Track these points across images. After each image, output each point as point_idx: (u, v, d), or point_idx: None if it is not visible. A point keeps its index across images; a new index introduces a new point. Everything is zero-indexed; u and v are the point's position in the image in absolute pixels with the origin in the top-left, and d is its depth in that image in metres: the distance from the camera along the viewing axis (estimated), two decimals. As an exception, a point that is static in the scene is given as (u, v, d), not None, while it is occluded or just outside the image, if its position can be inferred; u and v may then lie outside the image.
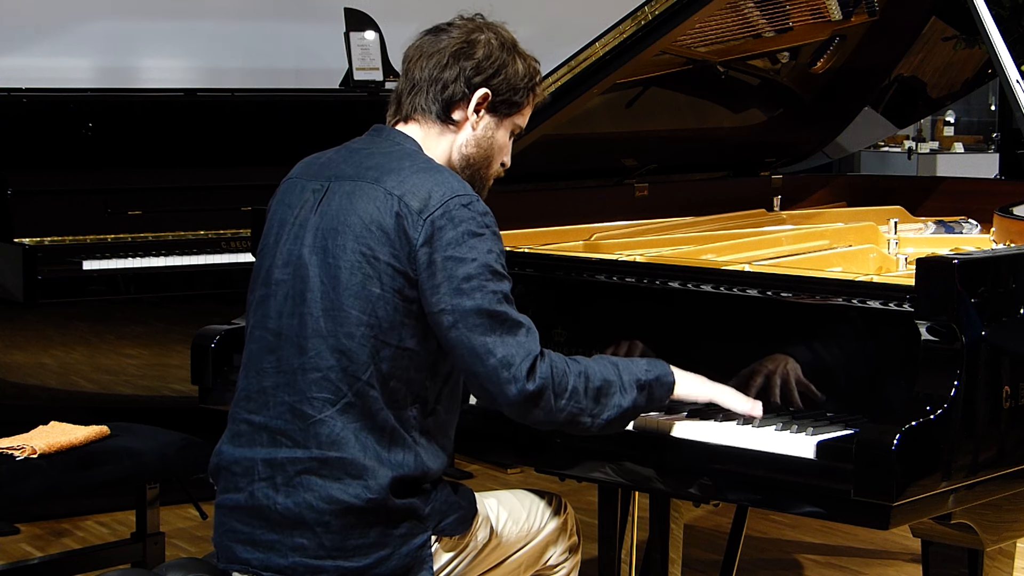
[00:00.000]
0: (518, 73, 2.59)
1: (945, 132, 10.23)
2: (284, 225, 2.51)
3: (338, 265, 2.41)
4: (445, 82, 2.54)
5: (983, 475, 2.36)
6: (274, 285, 2.48)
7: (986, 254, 2.51)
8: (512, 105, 2.60)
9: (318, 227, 2.45)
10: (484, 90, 2.56)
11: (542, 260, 2.94)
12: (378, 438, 2.39)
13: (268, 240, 2.54)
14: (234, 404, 2.53)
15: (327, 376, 2.39)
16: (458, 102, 2.56)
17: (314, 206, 2.48)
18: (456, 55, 2.55)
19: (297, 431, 2.41)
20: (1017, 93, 2.92)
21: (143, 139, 4.93)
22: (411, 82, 2.58)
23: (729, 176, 4.17)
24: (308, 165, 2.60)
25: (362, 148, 2.56)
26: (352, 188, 2.46)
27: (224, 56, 5.56)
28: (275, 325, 2.46)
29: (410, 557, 2.41)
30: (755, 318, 2.61)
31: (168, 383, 5.06)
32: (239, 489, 2.45)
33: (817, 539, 4.61)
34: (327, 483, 2.38)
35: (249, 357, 2.51)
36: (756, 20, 3.50)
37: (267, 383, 2.46)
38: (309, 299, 2.42)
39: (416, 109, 2.57)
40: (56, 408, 4.66)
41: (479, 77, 2.55)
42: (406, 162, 2.48)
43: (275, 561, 2.40)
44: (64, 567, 3.74)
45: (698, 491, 2.48)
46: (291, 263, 2.47)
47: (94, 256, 4.56)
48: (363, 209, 2.42)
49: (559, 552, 2.74)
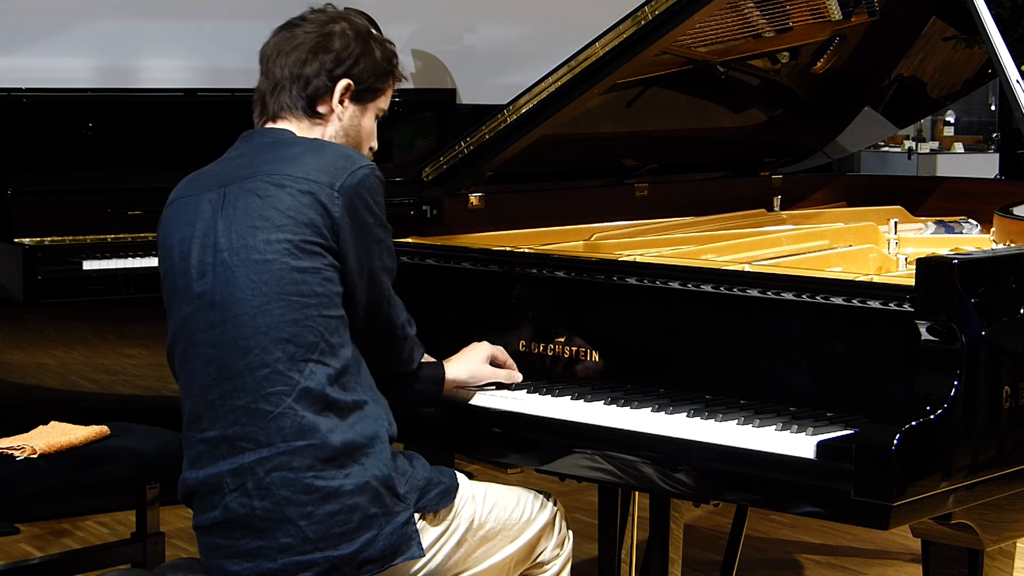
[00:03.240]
0: (376, 59, 2.63)
1: (945, 132, 10.23)
2: (187, 241, 2.50)
3: (265, 259, 2.42)
4: (307, 77, 2.58)
5: (983, 475, 2.36)
6: (196, 299, 2.47)
7: (986, 254, 2.51)
8: (374, 92, 2.65)
9: (229, 230, 2.45)
10: (346, 81, 2.59)
11: (542, 260, 2.93)
12: (337, 412, 2.41)
13: (172, 261, 2.52)
14: (184, 430, 2.52)
15: (275, 369, 2.40)
16: (322, 96, 2.59)
17: (215, 213, 2.48)
18: (314, 49, 2.58)
19: (257, 431, 2.40)
20: (1017, 93, 2.92)
21: (143, 139, 4.93)
22: (272, 81, 2.60)
23: (729, 176, 4.17)
24: (190, 183, 2.59)
25: (243, 152, 2.59)
26: (253, 186, 2.48)
27: (224, 56, 5.56)
28: (208, 337, 2.45)
29: (396, 535, 2.42)
30: (755, 318, 2.61)
31: (168, 383, 5.03)
32: (214, 506, 2.45)
33: (817, 539, 4.61)
34: (299, 475, 2.38)
35: (187, 380, 2.50)
36: (756, 20, 3.50)
37: (212, 395, 2.45)
38: (240, 299, 2.42)
39: (282, 107, 2.60)
40: (56, 408, 4.65)
41: (339, 69, 2.59)
42: (295, 148, 2.52)
43: (265, 566, 2.40)
44: (64, 567, 3.74)
45: (698, 491, 2.48)
46: (208, 273, 2.46)
47: (94, 256, 4.56)
48: (276, 199, 2.44)
49: (550, 547, 2.74)
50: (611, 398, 2.65)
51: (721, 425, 2.45)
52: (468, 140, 3.26)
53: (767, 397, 2.57)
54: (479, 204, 3.38)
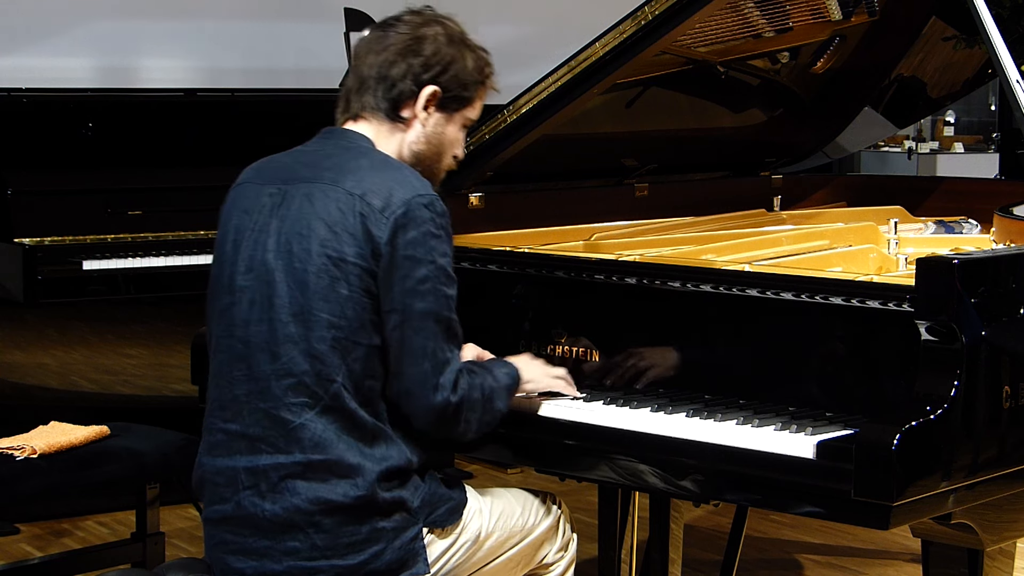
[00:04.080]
0: (467, 68, 2.56)
1: (945, 132, 10.22)
2: (242, 231, 2.48)
3: (305, 269, 2.39)
4: (393, 80, 2.51)
5: (983, 475, 2.36)
6: (238, 292, 2.45)
7: (986, 254, 2.51)
8: (462, 100, 2.58)
9: (280, 231, 2.43)
10: (432, 87, 2.53)
11: (542, 260, 2.93)
12: (360, 436, 2.39)
13: (225, 247, 2.50)
14: (207, 414, 2.51)
15: (302, 381, 2.38)
16: (406, 100, 2.53)
17: (272, 210, 2.45)
18: (403, 52, 2.51)
19: (278, 437, 2.40)
20: (1017, 93, 2.92)
21: (143, 139, 4.93)
22: (359, 79, 2.55)
23: (729, 176, 4.17)
24: (259, 170, 2.56)
25: (315, 150, 2.54)
26: (310, 190, 2.44)
27: (224, 56, 5.56)
28: (243, 333, 2.44)
29: (403, 550, 2.41)
30: (755, 318, 2.61)
31: (168, 383, 5.06)
32: (225, 500, 2.44)
33: (817, 539, 4.60)
34: (313, 485, 2.37)
35: (218, 367, 2.49)
36: (756, 20, 3.50)
37: (239, 391, 2.44)
38: (277, 305, 2.40)
39: (365, 107, 2.54)
40: (56, 408, 4.66)
41: (427, 74, 2.52)
42: (363, 160, 2.46)
43: (270, 567, 2.40)
44: (64, 567, 3.74)
45: (698, 491, 2.48)
46: (254, 269, 2.44)
47: (94, 256, 4.56)
48: (325, 211, 2.40)
49: (554, 550, 2.74)
50: (610, 398, 2.65)
51: (721, 425, 2.45)
52: (468, 140, 3.25)
53: (767, 397, 2.57)
54: (479, 204, 3.38)
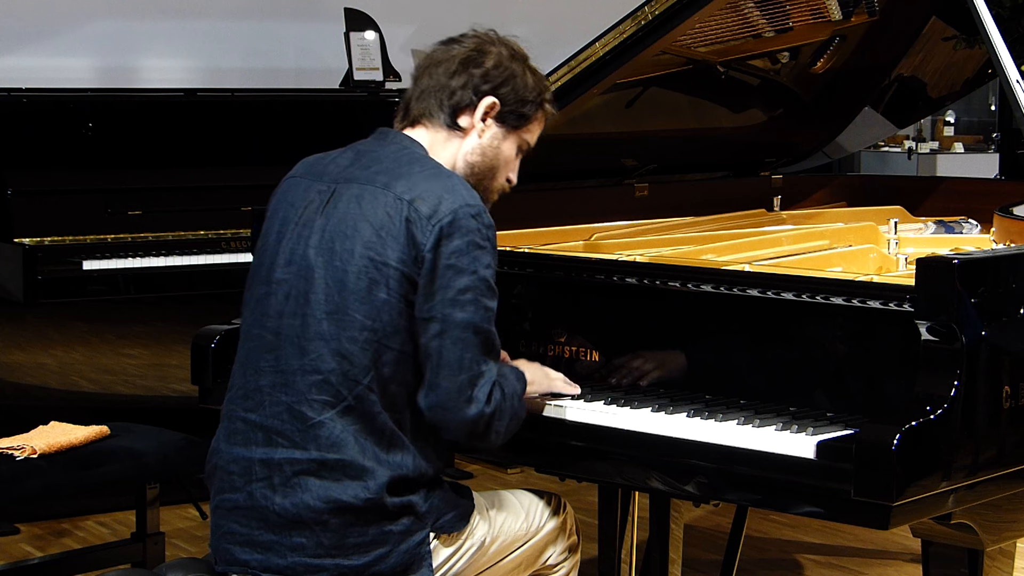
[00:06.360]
0: (527, 85, 2.59)
1: (945, 132, 10.22)
2: (287, 223, 2.51)
3: (345, 269, 2.40)
4: (453, 88, 2.55)
5: (983, 475, 2.36)
6: (275, 284, 2.47)
7: (986, 254, 2.51)
8: (520, 117, 2.60)
9: (324, 229, 2.45)
10: (491, 99, 2.56)
11: (542, 260, 2.93)
12: (377, 440, 2.39)
13: (269, 238, 2.53)
14: (228, 401, 2.52)
15: (327, 379, 2.39)
16: (465, 108, 2.56)
17: (320, 207, 2.48)
18: (465, 62, 2.56)
19: (295, 432, 2.41)
20: (1017, 93, 2.92)
21: (143, 139, 4.93)
22: (420, 88, 2.59)
23: (729, 176, 4.17)
24: (312, 165, 2.59)
25: (369, 151, 2.55)
26: (360, 191, 2.45)
27: (224, 56, 5.56)
28: (275, 324, 2.46)
29: (409, 554, 2.41)
30: (755, 318, 2.61)
31: (168, 383, 5.05)
32: (237, 489, 2.45)
33: (817, 539, 4.60)
34: (325, 483, 2.38)
35: (246, 354, 2.51)
36: (756, 20, 3.50)
37: (264, 382, 2.45)
38: (313, 301, 2.42)
39: (424, 114, 2.57)
40: (56, 408, 4.66)
41: (487, 85, 2.56)
42: (416, 167, 2.48)
43: (274, 561, 2.40)
44: (64, 567, 3.74)
45: (698, 491, 2.48)
46: (294, 262, 2.46)
47: (94, 256, 4.56)
48: (372, 214, 2.42)
49: (558, 552, 2.74)
50: (611, 398, 2.65)
51: (721, 425, 2.45)
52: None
53: (767, 397, 2.57)
54: (479, 204, 3.38)
